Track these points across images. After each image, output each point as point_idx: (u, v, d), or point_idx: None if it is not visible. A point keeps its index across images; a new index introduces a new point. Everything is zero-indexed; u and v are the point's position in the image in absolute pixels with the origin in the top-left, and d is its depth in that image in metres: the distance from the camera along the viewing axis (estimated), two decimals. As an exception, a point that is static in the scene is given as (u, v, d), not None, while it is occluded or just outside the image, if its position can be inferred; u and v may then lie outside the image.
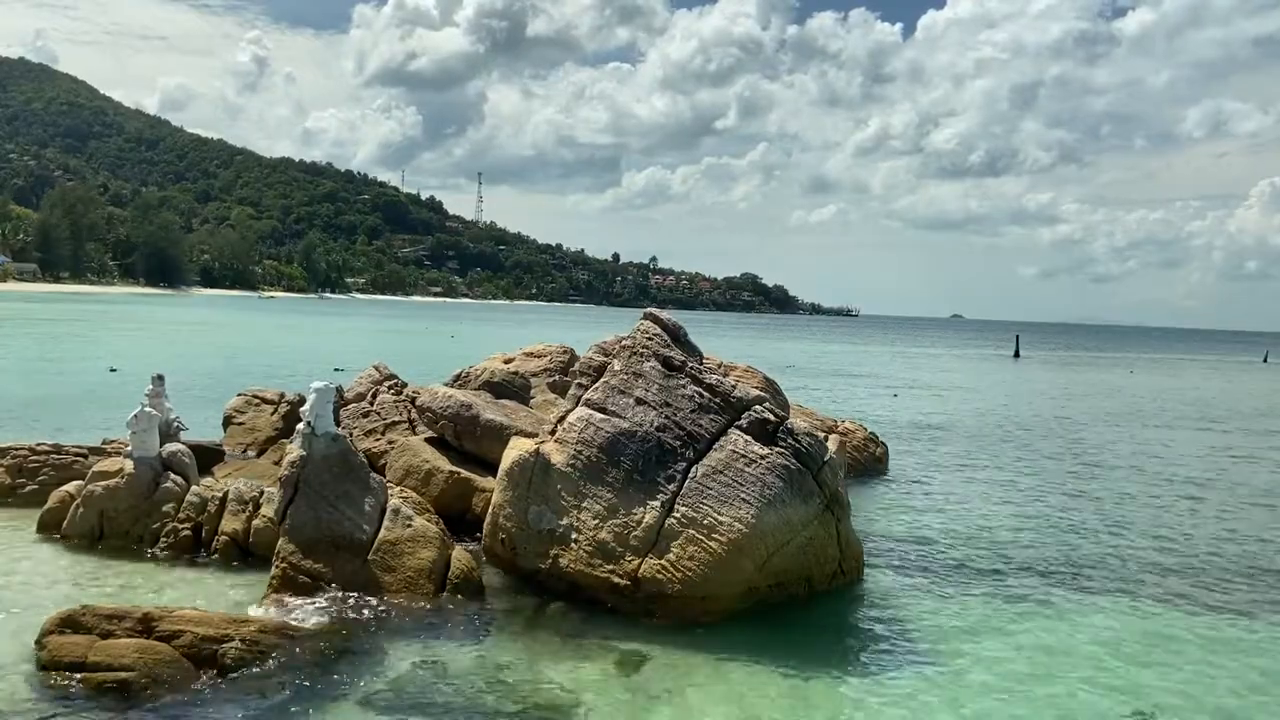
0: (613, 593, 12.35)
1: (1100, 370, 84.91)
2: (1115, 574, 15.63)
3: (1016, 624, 12.91)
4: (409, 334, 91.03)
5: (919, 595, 13.96)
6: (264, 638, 10.21)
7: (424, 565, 12.35)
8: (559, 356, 21.40)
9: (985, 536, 17.87)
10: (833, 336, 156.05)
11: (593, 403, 13.83)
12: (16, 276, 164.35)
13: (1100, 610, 13.66)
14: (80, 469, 16.17)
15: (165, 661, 9.66)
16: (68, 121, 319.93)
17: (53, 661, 9.56)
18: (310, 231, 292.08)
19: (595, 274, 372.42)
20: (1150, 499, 22.44)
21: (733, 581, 12.13)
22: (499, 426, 15.92)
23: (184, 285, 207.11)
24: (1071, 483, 24.29)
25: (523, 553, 13.11)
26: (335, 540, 12.19)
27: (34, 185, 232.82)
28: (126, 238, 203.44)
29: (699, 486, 12.51)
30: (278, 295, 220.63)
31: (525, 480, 13.28)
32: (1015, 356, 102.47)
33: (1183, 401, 52.89)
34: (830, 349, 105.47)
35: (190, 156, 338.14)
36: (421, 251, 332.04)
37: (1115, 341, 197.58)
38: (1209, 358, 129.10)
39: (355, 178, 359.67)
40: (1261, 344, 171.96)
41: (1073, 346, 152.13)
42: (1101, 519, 19.92)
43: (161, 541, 14.07)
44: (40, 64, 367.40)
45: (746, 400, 13.44)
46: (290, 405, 20.24)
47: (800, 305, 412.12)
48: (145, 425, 14.92)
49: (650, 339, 14.28)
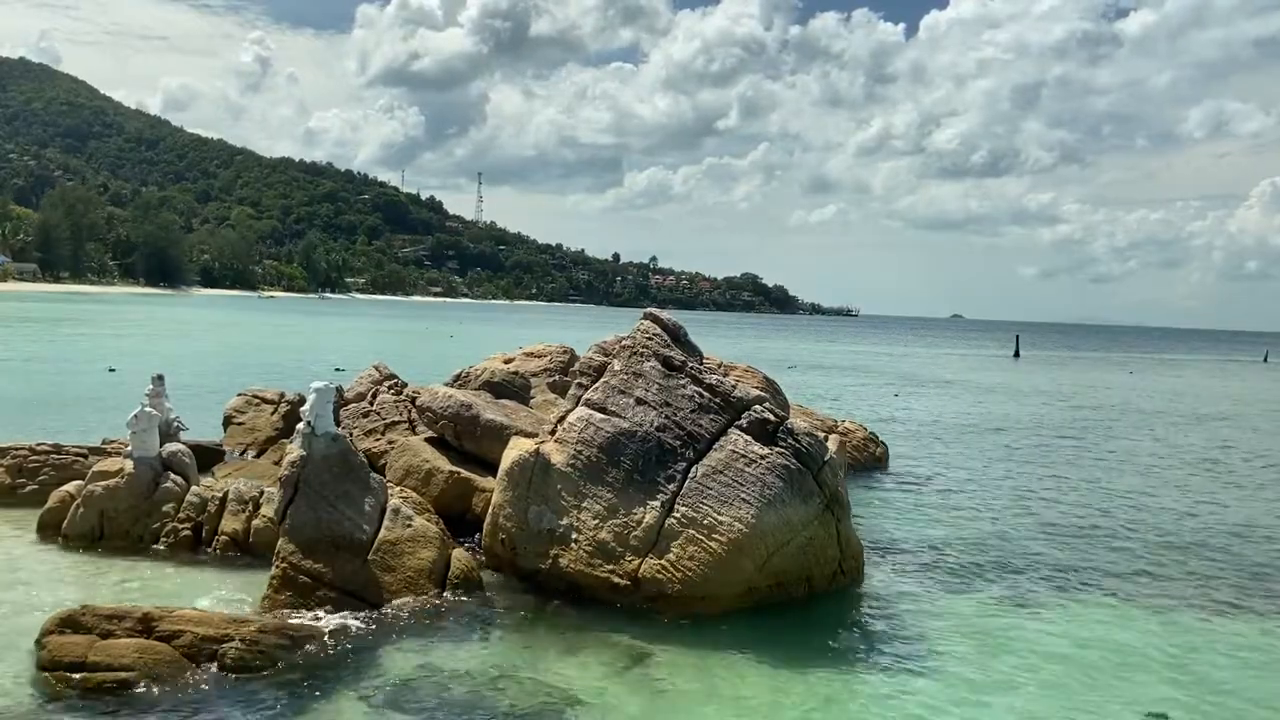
0: (613, 592, 12.36)
1: (1100, 370, 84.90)
2: (1116, 573, 15.63)
3: (1017, 623, 12.91)
4: (409, 334, 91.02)
5: (919, 595, 13.96)
6: (264, 638, 10.20)
7: (424, 565, 12.35)
8: (559, 356, 21.40)
9: (985, 536, 17.86)
10: (833, 336, 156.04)
11: (593, 403, 13.83)
12: (16, 276, 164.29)
13: (1101, 610, 13.66)
14: (80, 469, 16.17)
15: (165, 661, 9.67)
16: (68, 121, 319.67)
17: (53, 661, 9.56)
18: (310, 231, 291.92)
19: (595, 274, 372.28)
20: (1151, 499, 22.43)
21: (733, 581, 12.13)
22: (499, 426, 15.92)
23: (184, 285, 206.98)
24: (1071, 483, 24.29)
25: (523, 553, 13.11)
26: (335, 540, 12.18)
27: (34, 185, 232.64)
28: (126, 238, 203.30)
29: (699, 486, 12.51)
30: (278, 295, 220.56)
31: (525, 480, 13.28)
32: (1015, 356, 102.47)
33: (1183, 401, 52.89)
34: (830, 349, 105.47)
35: (190, 156, 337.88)
36: (421, 251, 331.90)
37: (1115, 341, 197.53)
38: (1209, 358, 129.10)
39: (355, 177, 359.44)
40: (1261, 344, 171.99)
41: (1073, 346, 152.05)
42: (1102, 519, 19.91)
43: (161, 541, 14.08)
44: (40, 64, 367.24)
45: (746, 400, 13.45)
46: (290, 405, 20.23)
47: (800, 305, 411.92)
48: (145, 425, 14.92)
49: (650, 339, 14.28)
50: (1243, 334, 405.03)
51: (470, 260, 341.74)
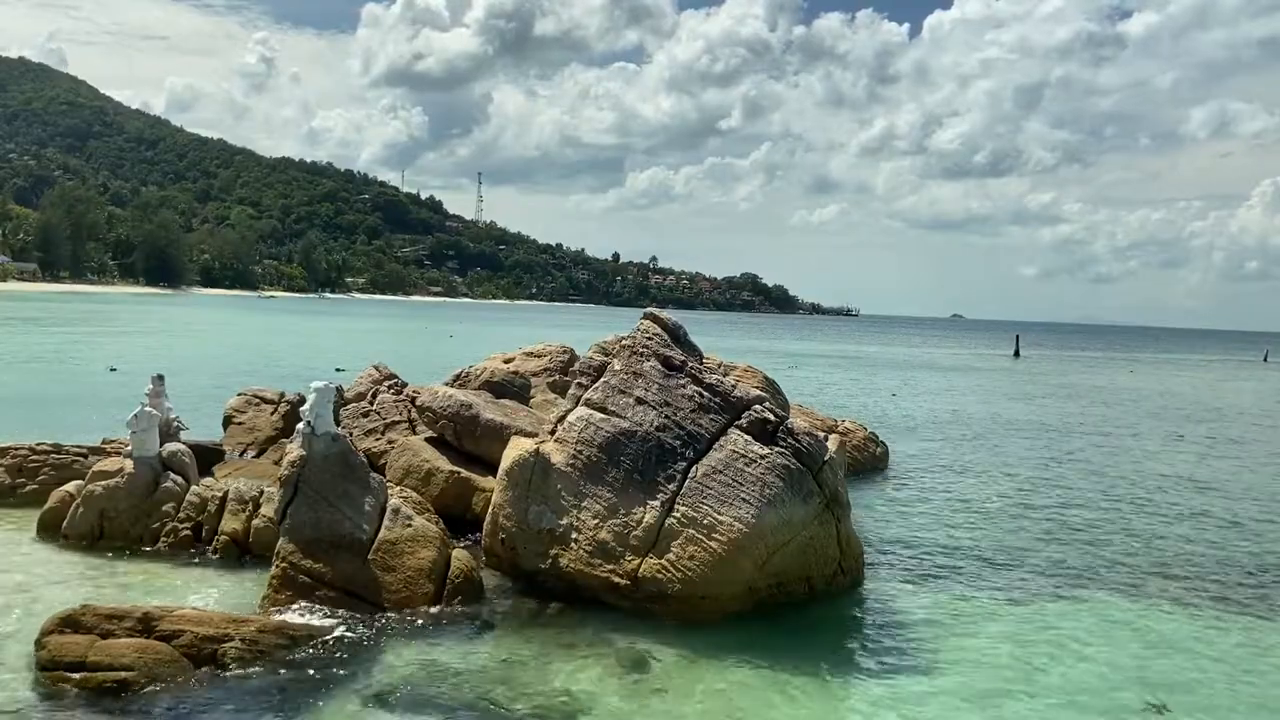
0: (613, 592, 12.36)
1: (1100, 370, 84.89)
2: (1116, 573, 15.63)
3: (1017, 624, 12.91)
4: (408, 334, 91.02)
5: (919, 595, 13.97)
6: (263, 637, 10.21)
7: (424, 565, 12.34)
8: (559, 356, 21.41)
9: (985, 536, 17.86)
10: (833, 336, 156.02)
11: (593, 402, 13.83)
12: (17, 276, 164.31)
13: (1102, 609, 13.67)
14: (80, 469, 16.18)
15: (165, 661, 9.67)
16: (68, 121, 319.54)
17: (53, 661, 9.56)
18: (310, 231, 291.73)
19: (595, 274, 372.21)
20: (1151, 498, 22.43)
21: (733, 581, 12.13)
22: (499, 426, 15.92)
23: (184, 285, 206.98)
24: (1072, 482, 24.29)
25: (523, 552, 13.11)
26: (335, 540, 12.19)
27: (34, 185, 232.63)
28: (126, 237, 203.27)
29: (699, 486, 12.51)
30: (277, 295, 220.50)
31: (525, 480, 13.28)
32: (1015, 356, 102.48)
33: (1183, 401, 52.89)
34: (830, 349, 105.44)
35: (190, 156, 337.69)
36: (421, 251, 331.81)
37: (1116, 341, 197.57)
38: (1209, 357, 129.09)
39: (355, 177, 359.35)
40: (1262, 343, 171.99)
41: (1073, 346, 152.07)
42: (1102, 518, 19.92)
43: (161, 541, 14.08)
44: (40, 64, 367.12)
45: (746, 400, 13.44)
46: (290, 405, 20.23)
47: (800, 305, 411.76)
48: (145, 425, 14.92)
49: (650, 339, 14.28)
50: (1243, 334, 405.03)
51: (470, 260, 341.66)
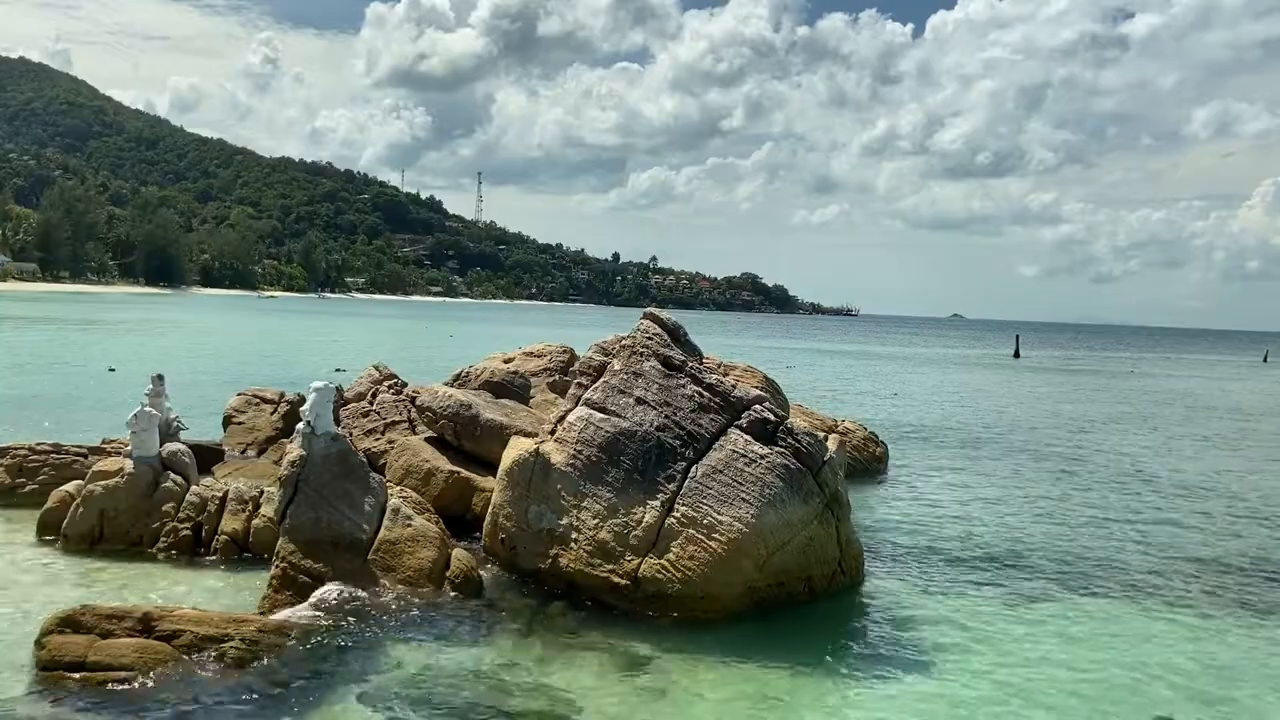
0: (612, 592, 12.35)
1: (1101, 370, 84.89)
2: (1116, 574, 15.63)
3: (1017, 624, 12.90)
4: (408, 333, 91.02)
5: (919, 595, 13.96)
6: (264, 637, 10.21)
7: (424, 565, 12.34)
8: (559, 356, 21.41)
9: (985, 536, 17.86)
10: (832, 336, 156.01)
11: (593, 402, 13.83)
12: (16, 276, 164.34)
13: (1102, 610, 13.66)
14: (80, 469, 16.17)
15: (165, 661, 9.67)
16: (68, 121, 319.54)
17: (53, 661, 9.56)
18: (310, 231, 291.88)
19: (595, 274, 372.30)
20: (1151, 498, 22.43)
21: (733, 581, 12.13)
22: (499, 426, 15.92)
23: (184, 285, 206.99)
24: (1072, 483, 24.29)
25: (523, 552, 13.11)
26: (335, 540, 12.19)
27: (34, 185, 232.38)
28: (126, 237, 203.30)
29: (699, 486, 12.51)
30: (277, 295, 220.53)
31: (525, 480, 13.28)
32: (1015, 356, 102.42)
33: (1183, 401, 52.88)
34: (830, 348, 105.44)
35: (190, 156, 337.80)
36: (421, 251, 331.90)
37: (1116, 341, 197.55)
38: (1210, 357, 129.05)
39: (355, 177, 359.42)
40: (1262, 344, 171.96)
41: (1073, 346, 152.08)
42: (1103, 519, 19.91)
43: (161, 541, 14.06)
44: (40, 63, 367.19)
45: (746, 400, 13.44)
46: (290, 405, 20.24)
47: (800, 305, 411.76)
48: (145, 425, 14.91)
49: (650, 339, 14.28)
50: (1243, 334, 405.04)
51: (470, 260, 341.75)
